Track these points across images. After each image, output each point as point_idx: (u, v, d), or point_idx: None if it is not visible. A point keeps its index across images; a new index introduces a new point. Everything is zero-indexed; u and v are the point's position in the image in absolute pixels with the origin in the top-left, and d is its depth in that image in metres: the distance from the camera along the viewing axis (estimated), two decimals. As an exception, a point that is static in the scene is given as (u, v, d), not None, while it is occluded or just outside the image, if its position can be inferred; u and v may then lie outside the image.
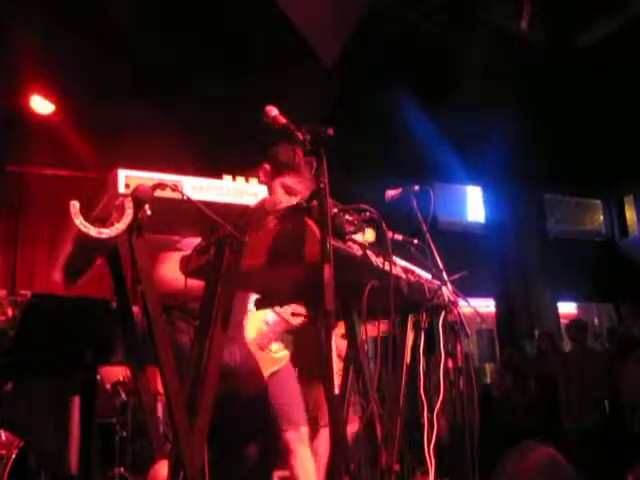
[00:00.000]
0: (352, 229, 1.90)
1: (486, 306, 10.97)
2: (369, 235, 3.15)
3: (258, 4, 6.37)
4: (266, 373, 3.03)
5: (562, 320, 10.64)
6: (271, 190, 2.64)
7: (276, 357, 3.38)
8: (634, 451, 5.12)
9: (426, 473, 2.40)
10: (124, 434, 4.80)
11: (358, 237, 3.24)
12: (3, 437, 3.55)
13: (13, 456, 3.52)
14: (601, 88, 8.69)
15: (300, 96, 5.60)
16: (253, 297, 2.52)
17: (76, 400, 4.32)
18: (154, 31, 6.40)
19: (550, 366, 7.48)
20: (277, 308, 3.24)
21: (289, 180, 2.71)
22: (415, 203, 3.12)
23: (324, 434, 4.24)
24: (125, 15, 6.27)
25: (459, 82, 8.00)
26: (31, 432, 3.94)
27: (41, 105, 6.94)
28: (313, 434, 4.03)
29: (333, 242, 1.73)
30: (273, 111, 1.98)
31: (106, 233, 1.54)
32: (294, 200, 2.66)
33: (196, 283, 1.95)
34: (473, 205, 11.84)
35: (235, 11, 6.59)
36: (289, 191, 2.70)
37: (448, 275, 2.75)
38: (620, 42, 7.83)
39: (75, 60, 6.35)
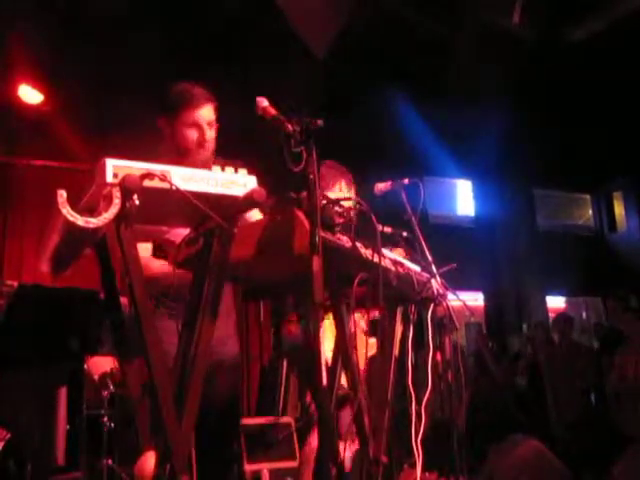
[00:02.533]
0: (341, 221, 1.90)
1: (475, 300, 11.02)
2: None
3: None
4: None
5: (550, 314, 10.70)
6: (178, 136, 2.51)
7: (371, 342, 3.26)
8: (619, 444, 5.15)
9: (413, 465, 2.40)
10: (112, 426, 4.78)
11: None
12: (-10, 428, 3.54)
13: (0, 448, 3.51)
14: (592, 85, 8.73)
15: (290, 89, 5.59)
16: None
17: (63, 391, 4.31)
18: (143, 22, 6.37)
19: (536, 360, 7.52)
20: None
21: (189, 115, 2.52)
22: (405, 196, 3.12)
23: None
24: (116, 6, 6.24)
25: (451, 77, 8.00)
26: (17, 423, 3.92)
27: (30, 95, 6.88)
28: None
29: (322, 234, 1.73)
30: (263, 102, 1.97)
31: (93, 223, 1.52)
32: (209, 134, 2.54)
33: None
34: (463, 199, 11.86)
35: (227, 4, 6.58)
36: (194, 126, 2.52)
37: (437, 268, 2.75)
38: (610, 38, 7.85)
39: (64, 50, 6.30)
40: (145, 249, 2.26)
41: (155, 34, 6.42)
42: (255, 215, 2.22)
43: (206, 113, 2.54)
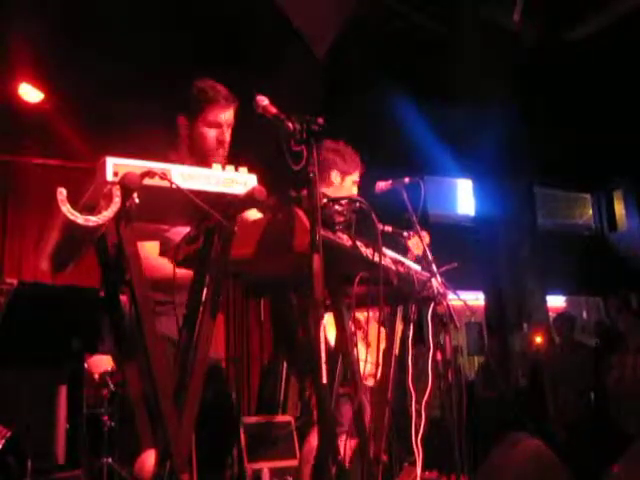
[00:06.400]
0: (342, 219, 1.90)
1: (475, 299, 11.00)
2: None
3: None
4: None
5: (551, 313, 10.69)
6: (198, 136, 2.50)
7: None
8: (619, 444, 5.15)
9: (414, 464, 2.40)
10: (112, 424, 4.78)
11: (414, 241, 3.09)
12: (-10, 427, 3.54)
13: (0, 446, 3.51)
14: (592, 84, 8.72)
15: (290, 89, 5.60)
16: None
17: (63, 390, 4.31)
18: (144, 23, 6.37)
19: (537, 359, 7.53)
20: None
21: (212, 114, 2.50)
22: (405, 195, 3.12)
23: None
24: (116, 5, 6.24)
25: (451, 76, 8.00)
26: (18, 422, 3.92)
27: (30, 93, 6.87)
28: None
29: (322, 232, 1.72)
30: (264, 101, 1.97)
31: (93, 221, 1.52)
32: (226, 133, 2.54)
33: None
34: (463, 198, 11.85)
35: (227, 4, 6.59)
36: (215, 125, 2.52)
37: (438, 267, 2.75)
38: (611, 37, 7.85)
39: (64, 48, 6.30)
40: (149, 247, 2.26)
41: (155, 33, 6.41)
42: (253, 214, 2.21)
43: (228, 114, 2.54)
